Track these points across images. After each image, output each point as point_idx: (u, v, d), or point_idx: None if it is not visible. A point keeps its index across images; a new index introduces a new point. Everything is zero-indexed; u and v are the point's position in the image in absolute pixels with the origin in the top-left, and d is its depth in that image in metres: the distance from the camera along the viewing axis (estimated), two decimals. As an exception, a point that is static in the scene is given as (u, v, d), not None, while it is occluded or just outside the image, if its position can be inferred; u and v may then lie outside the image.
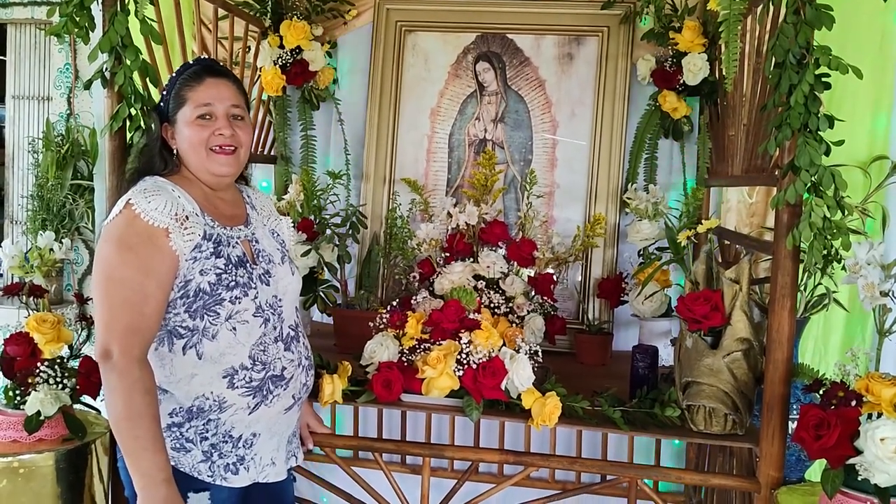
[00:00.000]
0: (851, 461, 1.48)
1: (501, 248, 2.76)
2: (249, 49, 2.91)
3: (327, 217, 2.75)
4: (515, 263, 2.71)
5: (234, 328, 1.57)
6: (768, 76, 1.62)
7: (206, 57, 1.77)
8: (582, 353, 2.64)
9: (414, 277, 2.77)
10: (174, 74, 1.67)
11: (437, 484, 2.22)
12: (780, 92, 1.59)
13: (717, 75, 2.64)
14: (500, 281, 2.69)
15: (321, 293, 2.73)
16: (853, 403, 1.51)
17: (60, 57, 3.63)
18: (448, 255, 2.79)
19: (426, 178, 2.98)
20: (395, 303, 2.25)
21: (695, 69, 2.64)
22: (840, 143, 1.61)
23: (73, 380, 1.85)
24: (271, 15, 2.93)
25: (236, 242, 1.63)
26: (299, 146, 3.09)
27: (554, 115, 2.92)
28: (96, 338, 1.48)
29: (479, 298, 2.60)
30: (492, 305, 2.59)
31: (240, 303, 1.57)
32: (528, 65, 2.94)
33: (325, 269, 2.65)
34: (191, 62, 1.70)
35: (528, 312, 2.61)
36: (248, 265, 1.62)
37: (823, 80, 1.56)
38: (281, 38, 2.90)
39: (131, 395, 1.45)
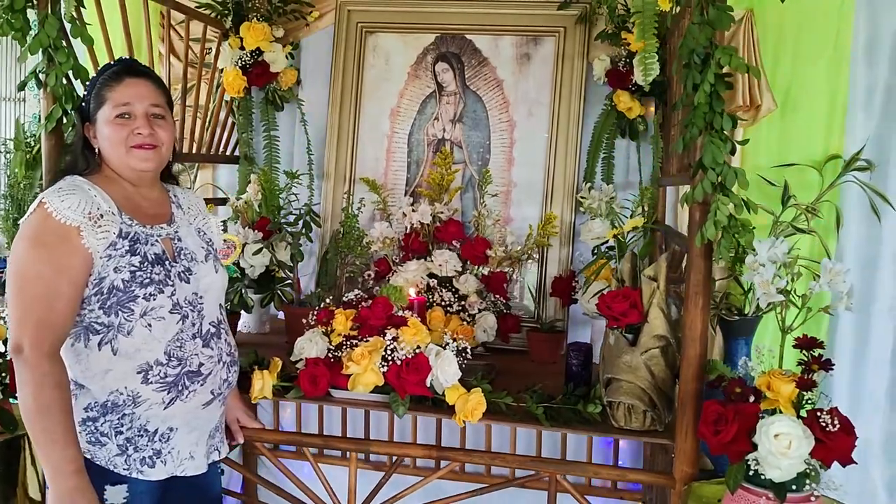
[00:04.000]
0: (748, 456, 1.50)
1: (457, 246, 2.79)
2: (210, 51, 2.96)
3: (283, 216, 2.79)
4: (468, 262, 2.74)
5: (150, 325, 1.61)
6: (674, 75, 1.63)
7: (128, 57, 1.81)
8: (534, 351, 2.66)
9: (369, 276, 2.81)
10: (95, 75, 1.71)
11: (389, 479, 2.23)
12: (686, 91, 1.61)
13: (666, 75, 2.65)
14: (453, 279, 2.72)
15: (278, 291, 2.77)
16: (751, 399, 1.52)
17: (35, 59, 3.67)
18: (404, 253, 2.83)
19: (386, 177, 3.01)
20: (350, 298, 2.26)
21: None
22: (744, 142, 1.63)
23: (5, 374, 1.89)
24: (233, 17, 2.97)
25: (156, 240, 1.66)
26: (263, 146, 3.14)
27: (511, 114, 2.94)
28: (9, 333, 1.52)
29: (431, 296, 2.64)
30: (444, 303, 2.63)
31: (154, 300, 1.61)
32: (487, 65, 2.96)
33: (278, 267, 2.69)
34: (112, 62, 1.73)
35: (480, 311, 2.64)
36: (166, 263, 1.66)
37: (726, 79, 1.57)
38: (241, 39, 2.94)
39: (41, 388, 1.49)
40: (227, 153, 3.15)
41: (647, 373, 1.79)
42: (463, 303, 2.64)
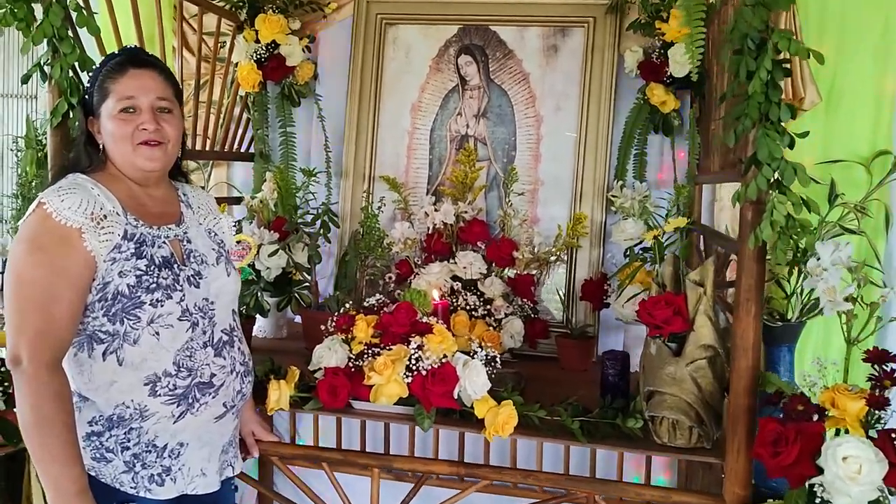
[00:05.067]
0: (813, 481, 1.36)
1: (482, 247, 2.67)
2: (224, 44, 2.85)
3: (300, 216, 2.68)
4: (494, 264, 2.62)
5: (158, 332, 1.49)
6: (724, 63, 1.50)
7: (133, 46, 1.70)
8: (563, 358, 2.52)
9: (389, 278, 2.69)
10: (98, 65, 1.60)
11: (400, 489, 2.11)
12: (738, 80, 1.47)
13: (703, 66, 2.51)
14: (478, 282, 2.60)
15: (296, 294, 2.66)
16: (815, 417, 1.39)
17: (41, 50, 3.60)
18: (427, 255, 2.71)
19: (406, 175, 2.89)
20: (372, 304, 2.15)
21: (682, 60, 2.51)
22: (804, 134, 1.48)
23: (8, 384, 1.79)
24: (248, 9, 2.86)
25: (163, 242, 1.55)
26: (279, 143, 3.02)
27: (538, 109, 2.80)
28: (7, 342, 1.41)
29: (455, 300, 2.52)
30: (468, 308, 2.50)
31: (162, 306, 1.49)
32: (512, 57, 2.83)
33: (295, 269, 2.58)
34: (116, 52, 1.62)
35: (506, 315, 2.51)
36: (175, 266, 1.54)
37: (784, 66, 1.43)
38: (257, 32, 2.83)
39: (39, 401, 1.38)
40: (242, 150, 3.04)
41: (693, 385, 1.65)
42: (488, 307, 2.52)
